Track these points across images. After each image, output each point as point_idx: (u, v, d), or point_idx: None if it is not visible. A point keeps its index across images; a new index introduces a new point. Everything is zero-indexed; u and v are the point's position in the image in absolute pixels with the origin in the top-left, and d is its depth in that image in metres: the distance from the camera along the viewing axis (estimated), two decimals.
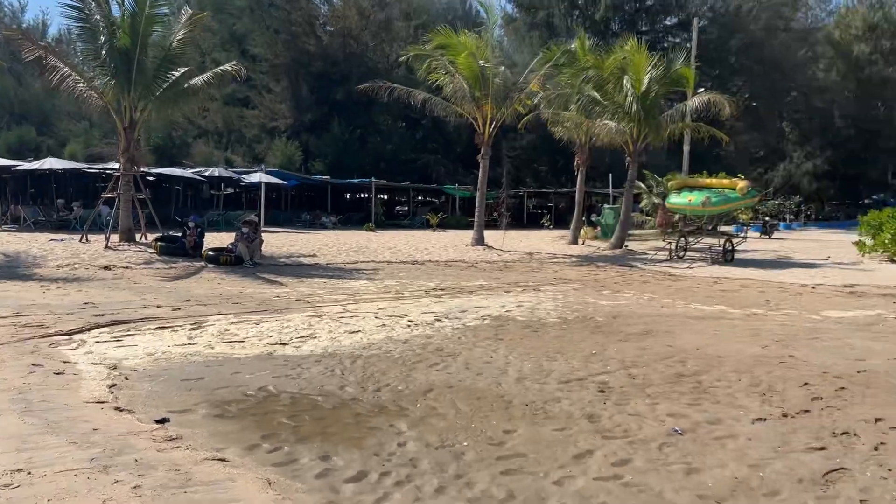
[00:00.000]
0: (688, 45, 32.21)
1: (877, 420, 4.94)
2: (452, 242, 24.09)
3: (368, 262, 17.01)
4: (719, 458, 4.20)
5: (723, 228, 21.92)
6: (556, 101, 22.70)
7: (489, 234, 24.49)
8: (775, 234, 33.10)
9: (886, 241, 18.93)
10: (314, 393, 5.47)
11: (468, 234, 23.92)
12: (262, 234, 16.95)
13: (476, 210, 23.11)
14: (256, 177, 32.38)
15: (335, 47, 45.11)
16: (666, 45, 40.22)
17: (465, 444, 4.39)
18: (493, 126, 22.17)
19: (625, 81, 20.81)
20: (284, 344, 7.23)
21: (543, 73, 21.78)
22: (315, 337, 7.60)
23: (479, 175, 22.70)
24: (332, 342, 7.35)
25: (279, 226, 31.72)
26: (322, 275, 14.00)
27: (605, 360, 6.78)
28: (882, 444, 4.46)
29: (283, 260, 16.71)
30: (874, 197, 54.54)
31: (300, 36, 44.41)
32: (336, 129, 42.93)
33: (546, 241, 26.84)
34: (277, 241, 21.54)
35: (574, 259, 19.49)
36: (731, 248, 18.99)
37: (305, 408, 5.11)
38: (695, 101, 21.06)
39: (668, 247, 20.28)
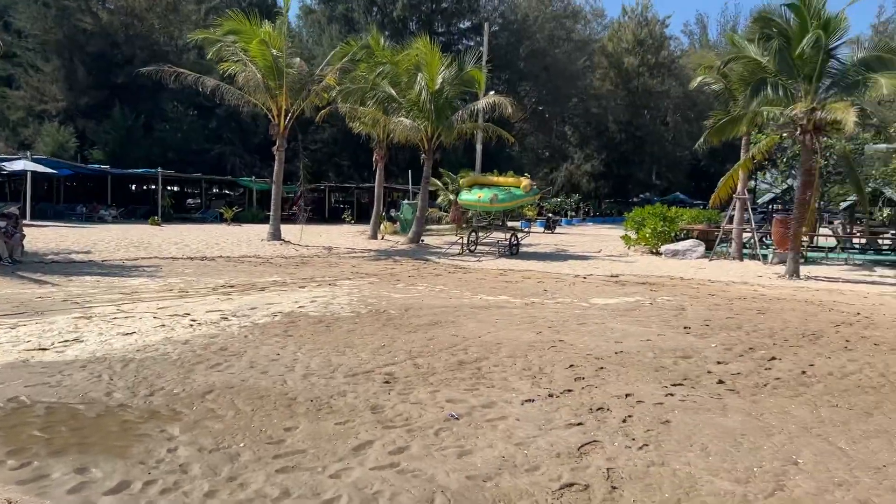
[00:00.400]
0: (480, 48, 33.72)
1: (627, 395, 5.52)
2: (247, 237, 23.28)
3: (151, 258, 15.89)
4: (489, 439, 4.45)
5: (511, 224, 23.32)
6: (354, 96, 22.72)
7: (287, 229, 24.02)
8: (557, 229, 35.89)
9: (647, 235, 21.27)
10: (76, 401, 5.00)
11: (265, 229, 23.25)
12: (26, 229, 15.18)
13: (272, 204, 22.51)
14: (20, 164, 28.85)
15: (116, 26, 41.53)
16: (460, 47, 41.89)
17: (242, 444, 4.25)
18: (289, 118, 21.70)
19: (419, 79, 21.34)
20: (44, 349, 6.53)
21: (340, 67, 21.71)
22: (82, 340, 6.95)
23: (275, 167, 22.13)
24: (101, 345, 6.77)
25: (50, 219, 28.63)
26: (96, 273, 12.84)
27: (393, 351, 6.91)
28: (629, 416, 4.99)
29: (50, 257, 15.09)
30: (641, 195, 61.05)
31: (74, 12, 40.28)
32: (118, 115, 39.61)
33: (346, 236, 26.85)
34: (45, 237, 19.46)
35: (372, 253, 19.67)
36: (516, 242, 20.26)
37: (64, 418, 4.65)
38: (482, 102, 22.12)
39: (460, 241, 21.18)
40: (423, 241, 23.68)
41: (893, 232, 23.74)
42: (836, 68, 15.19)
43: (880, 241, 22.54)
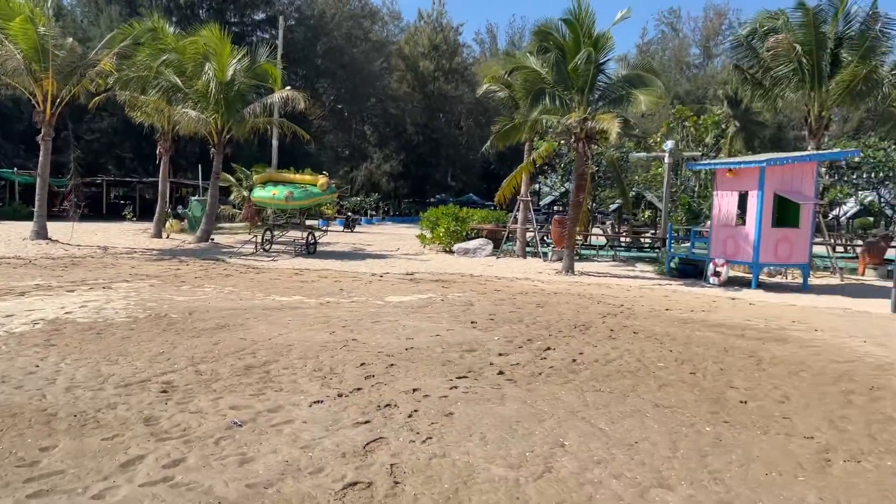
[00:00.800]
0: (276, 41, 32.81)
1: (414, 390, 5.65)
2: (7, 236, 20.79)
3: None
4: (274, 444, 4.34)
5: (309, 222, 22.98)
6: (135, 83, 21.03)
7: (56, 227, 21.78)
8: (357, 228, 36.01)
9: (441, 234, 22.03)
10: None
11: (29, 226, 20.82)
12: None
13: (37, 198, 20.21)
14: None
15: None
16: (255, 39, 40.46)
17: None
18: (57, 104, 19.62)
19: (207, 69, 20.29)
20: None
21: (119, 52, 20.01)
22: None
23: (41, 158, 19.90)
24: None
25: None
26: None
27: (173, 358, 6.49)
28: (416, 411, 5.11)
29: None
30: (438, 196, 63.09)
31: None
32: None
33: (127, 234, 24.88)
34: None
35: (156, 253, 18.38)
36: (313, 240, 20.01)
37: None
38: (276, 96, 21.50)
39: (254, 240, 20.49)
40: (213, 239, 22.55)
41: (653, 231, 26.73)
42: (604, 82, 16.75)
43: (642, 240, 25.26)
